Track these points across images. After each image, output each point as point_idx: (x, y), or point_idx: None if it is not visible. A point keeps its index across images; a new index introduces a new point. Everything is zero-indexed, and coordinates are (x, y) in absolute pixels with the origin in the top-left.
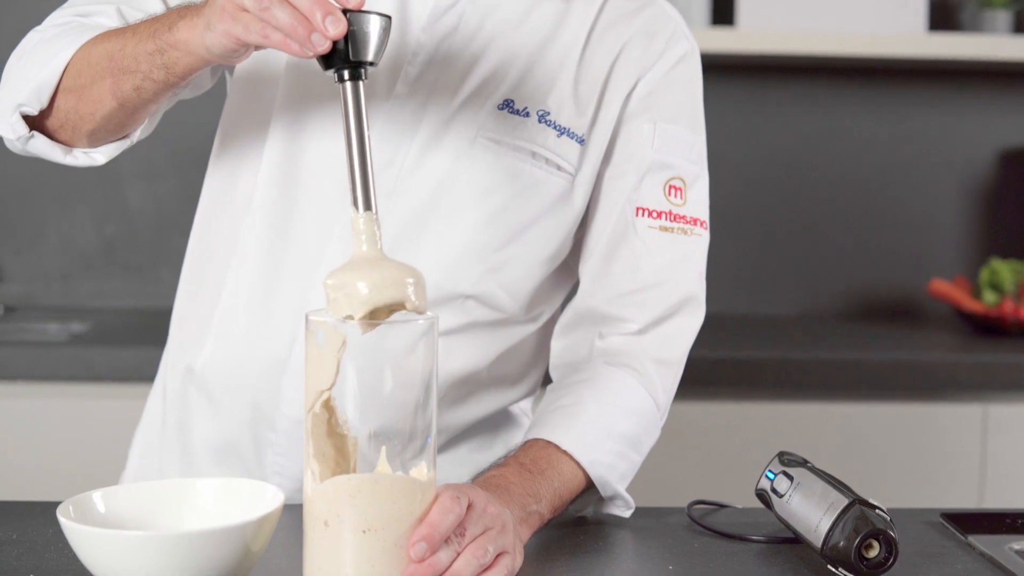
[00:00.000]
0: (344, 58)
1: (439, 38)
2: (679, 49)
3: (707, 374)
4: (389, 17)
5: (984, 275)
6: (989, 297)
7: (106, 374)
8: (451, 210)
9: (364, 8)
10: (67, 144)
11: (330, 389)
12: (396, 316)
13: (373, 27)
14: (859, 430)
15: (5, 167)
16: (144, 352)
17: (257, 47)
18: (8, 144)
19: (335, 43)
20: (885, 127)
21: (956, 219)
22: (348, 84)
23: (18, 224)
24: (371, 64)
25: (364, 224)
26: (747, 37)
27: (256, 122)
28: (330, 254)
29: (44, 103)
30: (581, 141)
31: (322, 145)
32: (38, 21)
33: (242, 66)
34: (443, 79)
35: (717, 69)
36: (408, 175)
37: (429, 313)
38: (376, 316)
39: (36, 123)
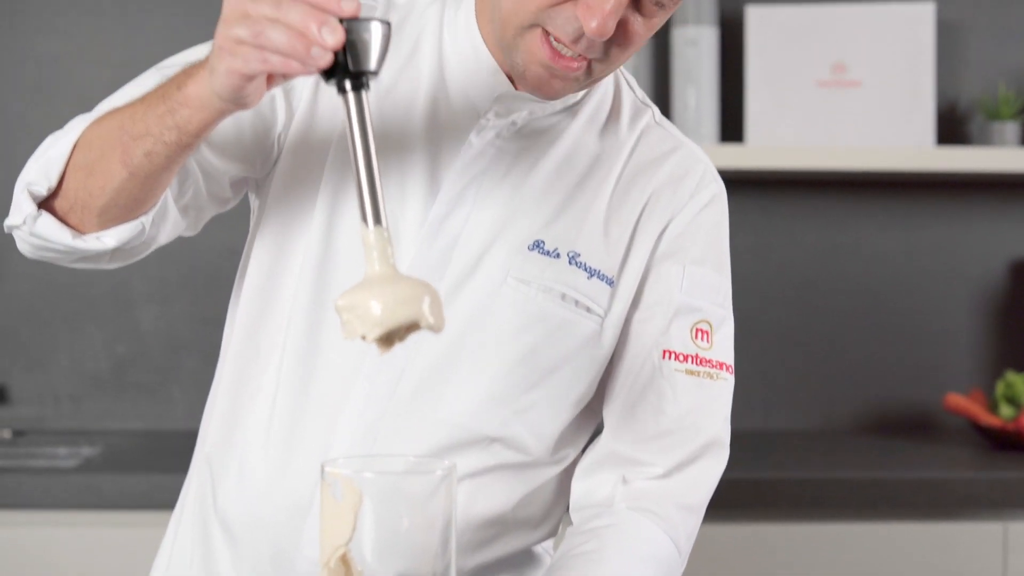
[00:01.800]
0: (344, 69)
1: (470, 178)
2: (708, 192)
3: (722, 495)
4: (388, 23)
5: (1000, 388)
6: (1006, 411)
7: (117, 502)
8: (479, 351)
9: (361, 16)
10: (77, 229)
11: (346, 544)
12: (414, 464)
13: (372, 34)
14: (877, 551)
15: (16, 286)
16: (156, 479)
17: (269, 82)
18: (18, 242)
19: (335, 54)
20: (896, 240)
21: (970, 332)
22: (351, 95)
23: (27, 345)
24: (373, 73)
25: (375, 239)
26: (756, 153)
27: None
28: (354, 398)
29: (53, 181)
30: (611, 283)
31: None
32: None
33: (273, 204)
34: (473, 218)
35: (727, 184)
36: None
37: (447, 462)
38: (392, 336)
39: (45, 208)
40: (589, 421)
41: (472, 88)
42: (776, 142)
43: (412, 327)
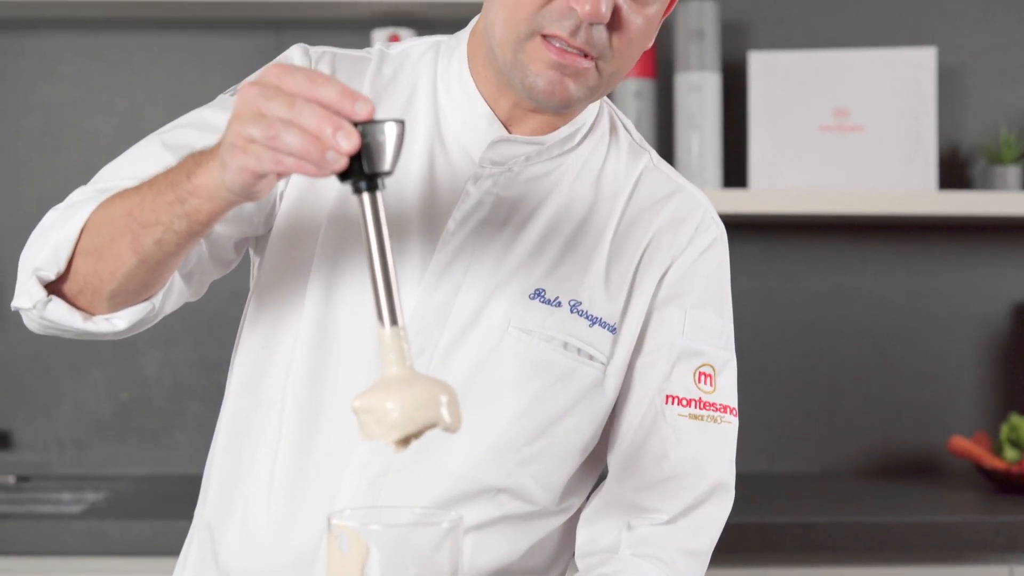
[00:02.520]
0: (359, 171)
1: (469, 228)
2: (708, 235)
3: (727, 539)
4: (402, 121)
5: (1004, 431)
6: (1010, 454)
7: (122, 548)
8: (482, 402)
9: (375, 117)
10: (86, 312)
11: None
12: (421, 516)
13: (387, 136)
14: None
15: (19, 332)
16: (160, 524)
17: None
18: (26, 320)
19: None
20: (899, 283)
21: (973, 375)
22: (365, 195)
23: (31, 390)
24: (388, 173)
25: (391, 340)
26: (759, 197)
27: (291, 296)
28: (358, 450)
29: (62, 266)
30: (613, 330)
31: (352, 347)
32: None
33: (276, 233)
34: (473, 268)
35: (730, 229)
36: (438, 366)
37: (453, 514)
38: (408, 437)
39: (54, 291)
40: (594, 468)
41: (468, 137)
42: (779, 187)
43: (428, 428)
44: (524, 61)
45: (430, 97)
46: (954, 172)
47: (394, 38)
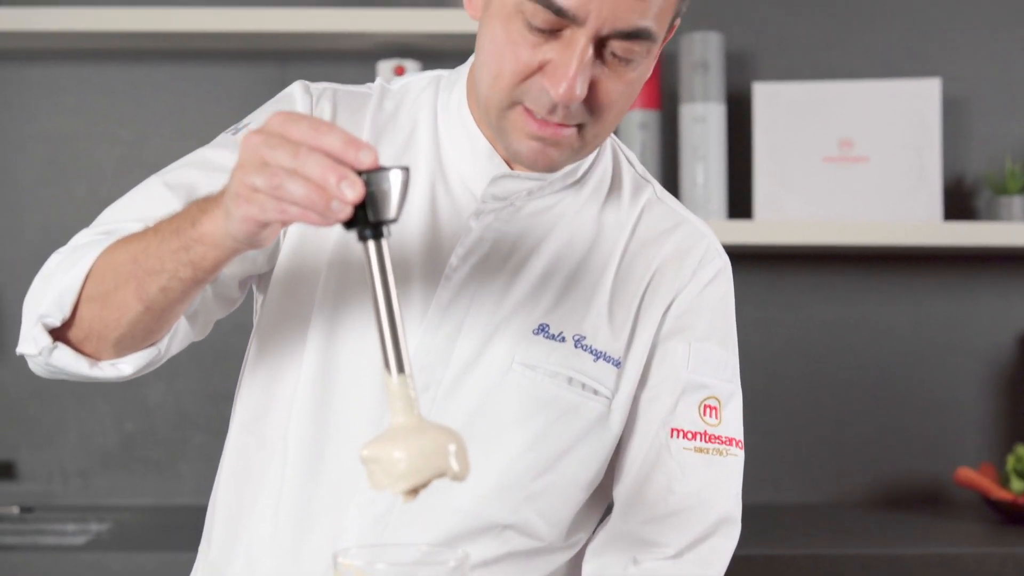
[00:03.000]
0: (364, 219)
1: (472, 263)
2: (712, 267)
3: (734, 572)
4: (406, 169)
5: (1010, 462)
6: (1017, 485)
7: None
8: (487, 438)
9: (379, 164)
10: (92, 357)
11: None
12: (427, 554)
13: (391, 184)
14: None
15: (23, 363)
16: (165, 556)
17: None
18: (32, 365)
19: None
20: (904, 314)
21: (979, 405)
22: (371, 243)
23: (36, 421)
24: (393, 221)
25: (399, 388)
26: (764, 228)
27: (292, 339)
28: (363, 487)
29: (67, 313)
30: (617, 364)
31: (356, 386)
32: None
33: (277, 276)
34: (477, 304)
35: (735, 260)
36: (443, 402)
37: (459, 551)
38: (416, 487)
39: (59, 337)
40: (600, 502)
41: (469, 172)
42: (784, 218)
43: (437, 477)
44: (507, 128)
45: (431, 132)
46: (959, 203)
47: (399, 70)
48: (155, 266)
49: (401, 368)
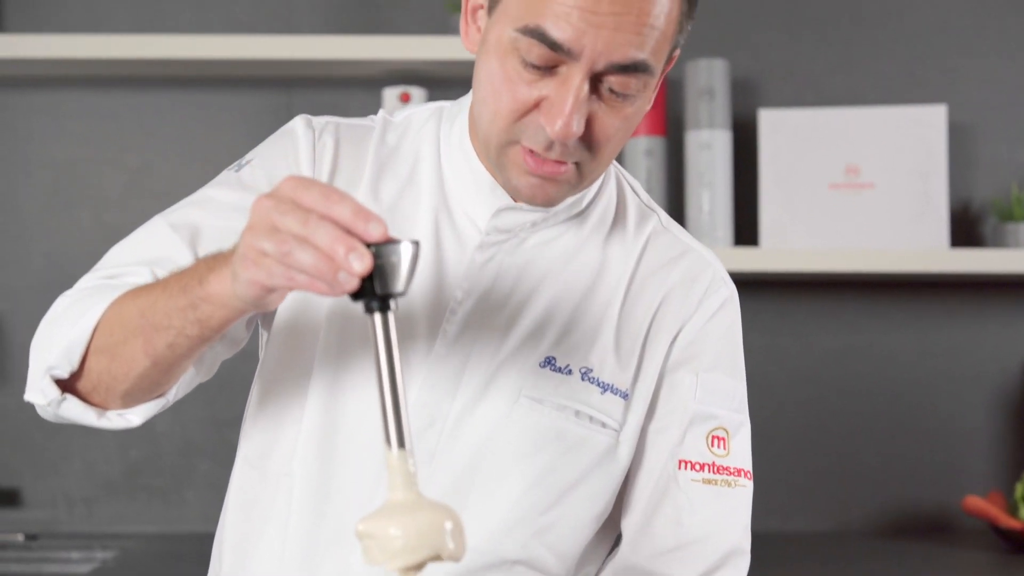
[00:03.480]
0: (371, 291)
1: (477, 295)
2: (718, 297)
3: None
4: (417, 243)
5: (1019, 491)
6: None
7: None
8: (495, 473)
9: (389, 237)
10: (100, 407)
11: None
12: None
13: (400, 257)
14: None
15: None
16: None
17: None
18: (40, 411)
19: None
20: (911, 341)
21: (987, 433)
22: (377, 315)
23: (41, 448)
24: (401, 294)
25: (398, 463)
26: (770, 256)
27: (295, 389)
28: None
29: (75, 365)
30: (625, 396)
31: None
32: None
33: (279, 324)
34: (482, 337)
35: (741, 287)
36: (449, 437)
37: None
38: (412, 565)
39: (67, 387)
40: (609, 534)
41: (472, 205)
42: (790, 245)
43: (433, 558)
44: (506, 164)
45: (434, 165)
46: (965, 229)
47: (404, 97)
48: (162, 322)
49: (402, 443)
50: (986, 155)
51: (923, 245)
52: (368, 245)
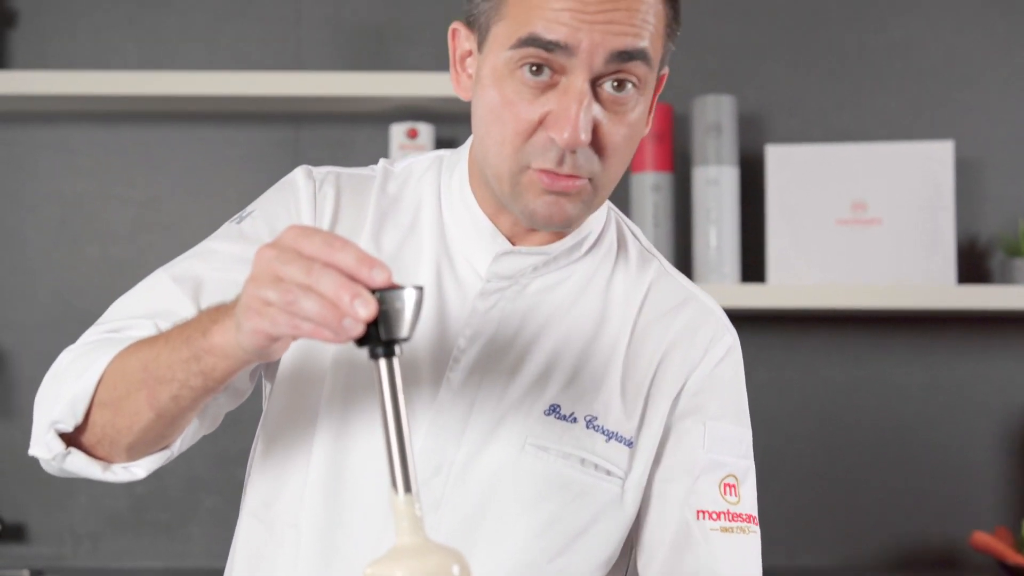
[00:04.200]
0: (376, 337)
1: (480, 343)
2: (723, 345)
3: None
4: (421, 288)
5: None
6: None
7: None
8: (500, 521)
9: (393, 283)
10: (105, 460)
11: None
12: None
13: (404, 302)
14: None
15: (33, 425)
16: None
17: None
18: (44, 465)
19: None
20: (917, 376)
21: (993, 469)
22: (382, 361)
23: (46, 483)
24: (405, 340)
25: (404, 507)
26: (777, 292)
27: (300, 438)
28: None
29: (79, 418)
30: (630, 444)
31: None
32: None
33: (283, 374)
34: (487, 384)
35: (748, 323)
36: (455, 484)
37: None
38: None
39: (72, 440)
40: None
41: (473, 252)
42: (797, 281)
43: None
44: (521, 191)
45: (435, 214)
46: (972, 265)
47: (412, 133)
48: (166, 375)
49: (408, 487)
50: (993, 191)
51: (930, 281)
52: (372, 291)
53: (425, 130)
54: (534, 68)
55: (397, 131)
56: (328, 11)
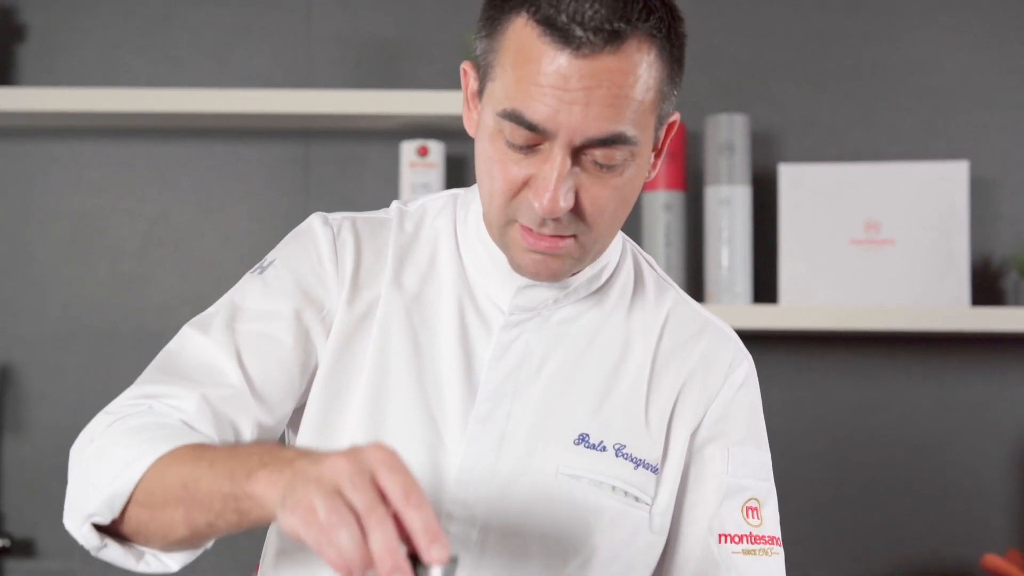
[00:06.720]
0: None
1: (504, 375)
2: (741, 372)
3: None
4: (456, 559)
5: None
6: None
7: None
8: (535, 550)
9: (436, 553)
10: (141, 545)
11: None
12: None
13: None
14: None
15: (43, 439)
16: None
17: None
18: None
19: None
20: (931, 398)
21: (1006, 490)
22: None
23: (56, 498)
24: None
25: None
26: (790, 313)
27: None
28: None
29: (116, 514)
30: (655, 471)
31: None
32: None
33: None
34: (515, 416)
35: (761, 343)
36: (490, 514)
37: None
38: None
39: (107, 527)
40: None
41: (494, 287)
42: (810, 302)
43: None
44: (508, 243)
45: (452, 251)
46: (986, 285)
47: (423, 150)
48: (204, 501)
49: None
50: (1008, 211)
51: (944, 302)
52: (411, 559)
53: (436, 147)
54: (517, 139)
55: (408, 148)
56: (339, 28)
